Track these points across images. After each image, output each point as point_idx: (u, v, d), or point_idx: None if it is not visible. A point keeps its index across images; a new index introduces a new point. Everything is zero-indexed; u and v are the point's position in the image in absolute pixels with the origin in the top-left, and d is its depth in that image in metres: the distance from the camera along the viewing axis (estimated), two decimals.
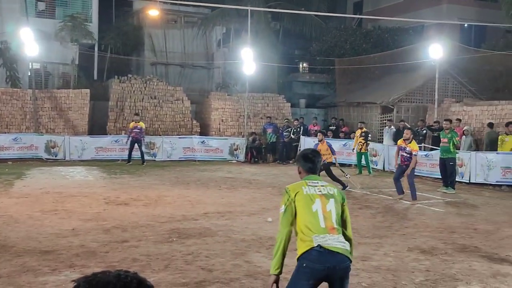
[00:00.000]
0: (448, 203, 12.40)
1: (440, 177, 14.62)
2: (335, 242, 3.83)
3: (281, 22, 27.60)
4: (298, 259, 3.88)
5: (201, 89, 26.73)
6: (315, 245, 3.77)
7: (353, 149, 18.31)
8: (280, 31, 28.33)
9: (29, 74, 22.15)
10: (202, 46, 28.13)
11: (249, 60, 21.48)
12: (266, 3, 25.57)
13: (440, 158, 14.31)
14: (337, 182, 13.33)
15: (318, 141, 14.27)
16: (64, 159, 19.35)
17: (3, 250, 7.08)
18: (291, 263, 4.02)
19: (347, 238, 4.00)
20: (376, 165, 19.03)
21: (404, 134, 12.63)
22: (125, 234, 8.26)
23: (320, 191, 4.02)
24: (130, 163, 18.85)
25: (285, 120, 22.43)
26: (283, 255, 3.87)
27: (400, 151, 12.34)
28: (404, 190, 12.30)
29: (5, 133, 19.76)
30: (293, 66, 28.99)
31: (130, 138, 18.85)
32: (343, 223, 4.03)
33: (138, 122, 19.20)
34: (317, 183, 4.10)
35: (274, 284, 3.85)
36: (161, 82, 23.37)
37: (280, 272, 3.87)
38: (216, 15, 26.36)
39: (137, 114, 20.06)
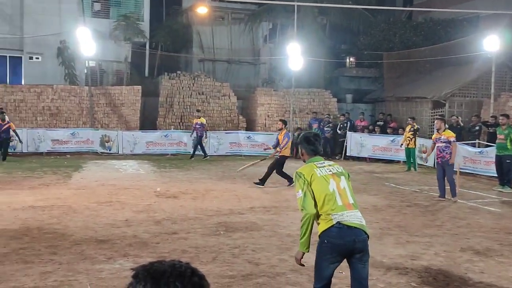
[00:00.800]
0: (504, 203, 11.94)
1: (496, 175, 14.05)
2: (353, 218, 4.23)
3: (328, 17, 27.42)
4: (319, 236, 4.28)
5: (247, 84, 27.02)
6: (335, 223, 4.16)
7: (401, 145, 18.04)
8: (326, 25, 28.18)
9: (86, 71, 23.08)
10: (248, 42, 28.39)
11: (295, 55, 21.54)
12: None
13: (496, 155, 13.78)
14: (266, 175, 13.17)
15: (278, 129, 14.12)
16: (118, 153, 20.10)
17: (63, 239, 7.59)
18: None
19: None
20: (427, 162, 18.67)
21: (435, 124, 12.27)
22: (174, 226, 8.62)
23: (330, 171, 4.34)
24: (207, 157, 19.32)
25: (326, 116, 22.36)
26: (310, 236, 4.27)
27: (436, 143, 11.89)
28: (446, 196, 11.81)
29: (64, 128, 20.74)
30: (340, 61, 28.79)
31: (195, 134, 19.38)
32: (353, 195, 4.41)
33: (199, 118, 19.69)
34: (323, 163, 4.42)
35: (302, 259, 4.38)
36: (209, 78, 23.80)
37: (308, 250, 4.34)
38: (262, 11, 26.52)
39: (198, 110, 20.54)
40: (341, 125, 21.61)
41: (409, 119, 18.57)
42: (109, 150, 20.24)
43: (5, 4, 24.35)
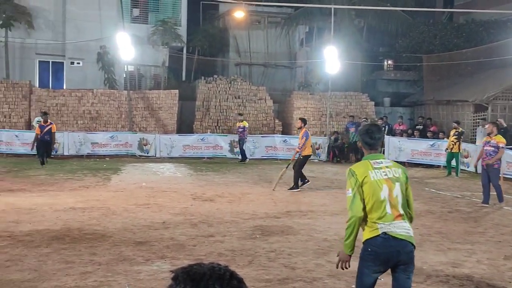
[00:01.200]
0: None
1: None
2: (400, 229, 4.01)
3: (365, 19, 27.15)
4: (363, 242, 4.11)
5: (284, 88, 26.99)
6: (380, 233, 3.97)
7: (446, 149, 17.55)
8: (364, 28, 27.91)
9: (125, 76, 23.52)
10: (285, 46, 28.35)
11: (332, 58, 21.40)
12: (350, 0, 25.33)
13: None
14: (295, 178, 12.98)
15: (298, 128, 13.82)
16: (155, 156, 20.37)
17: (103, 240, 7.72)
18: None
19: (410, 218, 4.14)
20: (468, 167, 18.18)
21: (486, 128, 11.95)
22: (211, 229, 8.65)
23: (386, 175, 4.06)
24: (246, 161, 19.43)
25: (363, 119, 22.11)
26: (355, 238, 4.09)
27: (484, 146, 11.54)
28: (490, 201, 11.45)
29: (103, 131, 21.18)
30: (378, 64, 28.46)
31: (238, 137, 19.59)
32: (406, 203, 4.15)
33: (242, 121, 19.83)
34: (381, 163, 4.13)
35: (347, 262, 4.20)
36: (245, 82, 23.90)
37: (352, 253, 4.15)
38: (299, 14, 26.47)
39: (240, 114, 20.68)
40: None
41: (453, 123, 18.06)
42: (147, 153, 20.54)
43: (49, 11, 25.07)
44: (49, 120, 17.53)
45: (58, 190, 12.35)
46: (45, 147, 17.12)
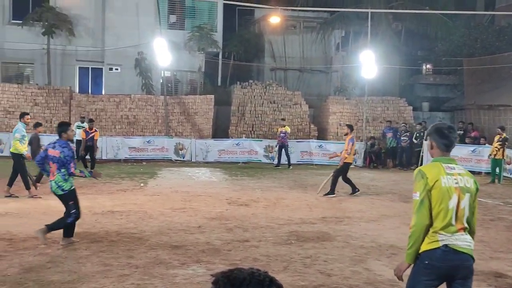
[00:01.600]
0: None
1: None
2: (462, 241, 3.72)
3: (403, 23, 26.78)
4: (420, 253, 3.77)
5: (319, 93, 26.87)
6: (441, 245, 3.67)
7: (489, 155, 17.06)
8: (402, 31, 27.53)
9: (161, 81, 23.85)
10: (320, 51, 28.25)
11: (368, 63, 21.18)
12: (387, 4, 25.02)
13: None
14: (333, 184, 12.71)
15: (344, 135, 13.65)
16: (191, 160, 20.56)
17: (140, 243, 7.81)
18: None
19: (472, 231, 3.83)
20: (511, 174, 17.64)
21: None
22: (246, 234, 8.64)
23: (457, 183, 3.72)
24: (279, 167, 19.44)
25: (403, 124, 21.76)
26: (419, 247, 3.75)
27: None
28: None
29: (141, 136, 21.51)
30: (416, 68, 28.00)
31: (278, 143, 19.59)
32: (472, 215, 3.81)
33: (284, 126, 19.84)
34: (454, 168, 3.78)
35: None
36: (280, 87, 23.89)
37: (413, 263, 3.81)
38: (335, 18, 26.33)
39: (283, 119, 20.69)
40: (417, 134, 20.94)
41: (497, 128, 17.52)
42: (183, 158, 20.74)
43: (89, 19, 25.70)
44: (94, 127, 18.06)
45: (97, 193, 12.60)
46: (87, 151, 17.73)
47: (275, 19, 26.84)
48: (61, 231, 7.67)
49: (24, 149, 11.71)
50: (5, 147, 19.38)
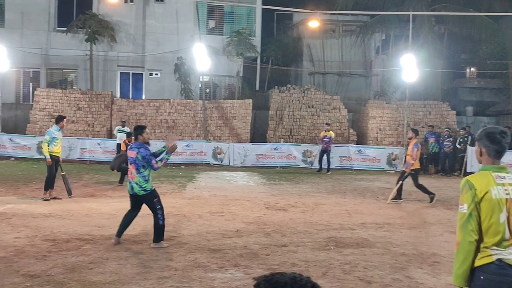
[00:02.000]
0: None
1: None
2: None
3: (446, 25, 26.24)
4: (472, 272, 3.51)
5: (358, 97, 26.61)
6: (494, 260, 3.41)
7: None
8: (444, 34, 26.98)
9: (200, 86, 24.10)
10: (360, 54, 27.99)
11: (410, 66, 20.80)
12: (429, 6, 24.56)
13: None
14: (424, 191, 12.35)
15: (408, 139, 13.09)
16: (229, 164, 20.65)
17: (178, 246, 7.87)
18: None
19: None
20: None
21: None
22: (284, 239, 8.59)
23: (508, 194, 3.41)
24: (321, 171, 19.37)
25: (446, 129, 21.27)
26: (470, 268, 3.43)
27: None
28: None
29: (179, 140, 21.75)
30: (459, 71, 27.38)
31: (320, 147, 19.49)
32: None
33: (328, 131, 19.73)
34: (504, 178, 3.46)
35: None
36: (319, 91, 23.75)
37: (466, 285, 3.47)
38: (375, 22, 26.02)
39: (328, 124, 20.61)
40: (461, 139, 20.42)
41: None
42: (221, 162, 20.85)
43: (130, 25, 26.27)
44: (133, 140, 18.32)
45: None
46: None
47: (313, 23, 26.74)
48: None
49: (56, 153, 11.78)
50: None
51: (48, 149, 11.62)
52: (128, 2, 26.25)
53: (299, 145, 21.27)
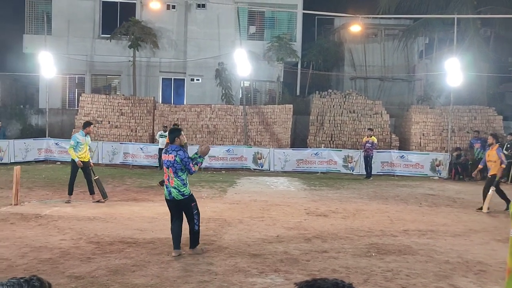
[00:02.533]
0: None
1: None
2: None
3: (492, 28, 25.54)
4: None
5: (401, 102, 26.19)
6: None
7: None
8: (490, 37, 26.23)
9: (241, 91, 24.23)
10: (402, 58, 27.55)
11: (454, 70, 20.31)
12: (475, 9, 23.93)
13: None
14: (503, 198, 11.82)
15: (488, 145, 12.74)
16: (269, 170, 20.65)
17: (219, 250, 7.91)
18: None
19: None
20: None
21: None
22: (324, 245, 8.52)
23: None
24: (371, 178, 19.14)
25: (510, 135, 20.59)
26: None
27: None
28: None
29: (220, 145, 21.94)
30: (506, 76, 26.54)
31: (364, 153, 19.31)
32: None
33: (371, 136, 19.51)
34: None
35: None
36: (360, 96, 23.50)
37: None
38: (418, 25, 25.56)
39: (370, 129, 20.41)
40: (508, 145, 19.76)
41: None
42: (261, 167, 20.88)
43: (172, 31, 26.70)
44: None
45: None
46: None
47: (355, 27, 26.52)
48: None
49: (82, 158, 11.93)
50: (93, 155, 20.42)
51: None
52: (170, 8, 26.72)
53: (340, 150, 21.07)
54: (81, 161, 11.94)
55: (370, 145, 19.11)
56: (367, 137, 19.49)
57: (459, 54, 21.06)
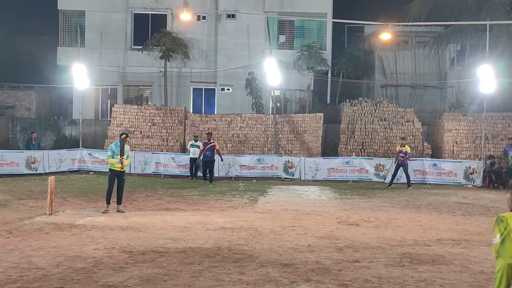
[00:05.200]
0: None
1: None
2: None
3: None
4: None
5: (433, 110, 25.83)
6: None
7: None
8: None
9: (271, 101, 24.30)
10: (434, 66, 27.21)
11: (487, 77, 19.92)
12: (508, 15, 23.46)
13: None
14: None
15: None
16: (300, 178, 20.59)
17: (250, 260, 7.93)
18: None
19: None
20: None
21: None
22: (356, 254, 8.45)
23: None
24: (391, 185, 18.95)
25: None
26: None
27: None
28: None
29: (251, 154, 22.00)
30: None
31: (397, 162, 19.10)
32: None
33: (404, 146, 19.24)
34: None
35: None
36: (391, 104, 23.27)
37: None
38: (449, 32, 25.21)
39: (403, 138, 20.21)
40: None
41: None
42: (292, 176, 20.84)
43: (202, 41, 27.03)
44: (211, 139, 19.41)
45: (209, 210, 13.02)
46: (206, 166, 19.25)
47: (385, 35, 26.34)
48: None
49: (117, 167, 12.07)
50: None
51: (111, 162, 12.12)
52: (201, 19, 27.06)
53: (371, 158, 20.88)
54: (115, 170, 12.16)
55: (404, 154, 18.77)
56: (400, 146, 19.14)
57: (492, 60, 20.67)
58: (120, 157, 12.10)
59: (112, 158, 12.10)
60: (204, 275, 7.05)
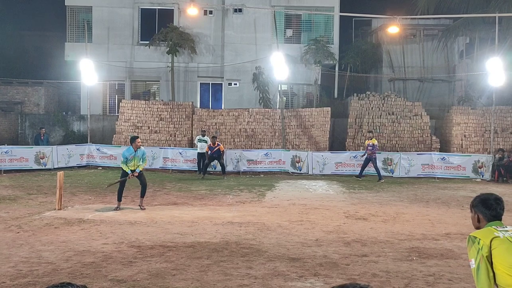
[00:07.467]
0: None
1: None
2: None
3: None
4: None
5: (441, 103, 25.67)
6: None
7: None
8: None
9: (278, 95, 24.27)
10: (442, 59, 27.01)
11: (496, 70, 19.77)
12: None
13: None
14: None
15: None
16: (307, 173, 20.57)
17: (258, 254, 7.95)
18: None
19: None
20: None
21: None
22: (364, 249, 8.45)
23: None
24: (360, 179, 18.98)
25: None
26: None
27: None
28: None
29: (258, 149, 22.00)
30: None
31: (365, 155, 19.20)
32: None
33: (371, 139, 19.35)
34: (506, 227, 3.48)
35: None
36: (399, 97, 23.16)
37: None
38: (458, 25, 25.01)
39: (370, 131, 20.22)
40: None
41: None
42: (300, 170, 20.82)
43: (209, 36, 27.00)
44: (217, 142, 19.25)
45: (217, 204, 13.05)
46: (211, 160, 19.42)
47: (393, 28, 26.18)
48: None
49: (130, 169, 12.03)
50: None
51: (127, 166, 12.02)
52: (208, 14, 27.01)
53: (379, 153, 20.79)
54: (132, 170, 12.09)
55: (371, 147, 18.90)
56: (368, 139, 19.34)
57: (501, 53, 20.50)
58: (134, 163, 12.03)
59: (126, 165, 12.02)
60: (212, 270, 7.07)
